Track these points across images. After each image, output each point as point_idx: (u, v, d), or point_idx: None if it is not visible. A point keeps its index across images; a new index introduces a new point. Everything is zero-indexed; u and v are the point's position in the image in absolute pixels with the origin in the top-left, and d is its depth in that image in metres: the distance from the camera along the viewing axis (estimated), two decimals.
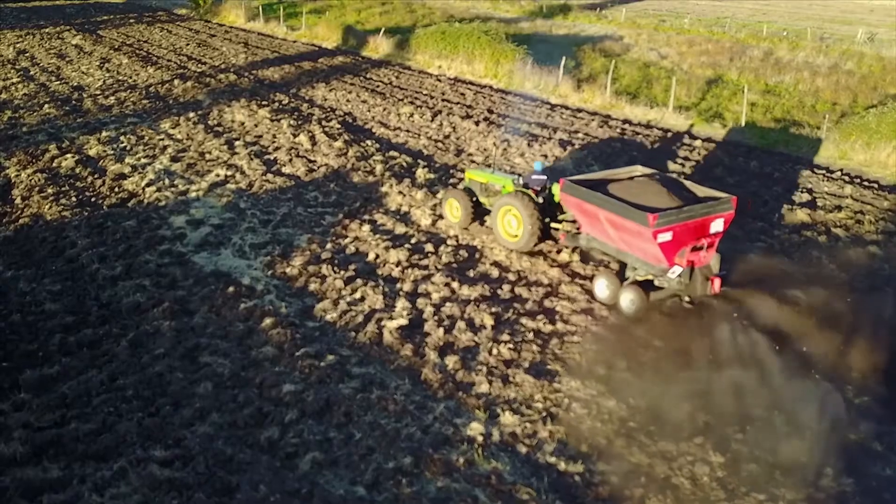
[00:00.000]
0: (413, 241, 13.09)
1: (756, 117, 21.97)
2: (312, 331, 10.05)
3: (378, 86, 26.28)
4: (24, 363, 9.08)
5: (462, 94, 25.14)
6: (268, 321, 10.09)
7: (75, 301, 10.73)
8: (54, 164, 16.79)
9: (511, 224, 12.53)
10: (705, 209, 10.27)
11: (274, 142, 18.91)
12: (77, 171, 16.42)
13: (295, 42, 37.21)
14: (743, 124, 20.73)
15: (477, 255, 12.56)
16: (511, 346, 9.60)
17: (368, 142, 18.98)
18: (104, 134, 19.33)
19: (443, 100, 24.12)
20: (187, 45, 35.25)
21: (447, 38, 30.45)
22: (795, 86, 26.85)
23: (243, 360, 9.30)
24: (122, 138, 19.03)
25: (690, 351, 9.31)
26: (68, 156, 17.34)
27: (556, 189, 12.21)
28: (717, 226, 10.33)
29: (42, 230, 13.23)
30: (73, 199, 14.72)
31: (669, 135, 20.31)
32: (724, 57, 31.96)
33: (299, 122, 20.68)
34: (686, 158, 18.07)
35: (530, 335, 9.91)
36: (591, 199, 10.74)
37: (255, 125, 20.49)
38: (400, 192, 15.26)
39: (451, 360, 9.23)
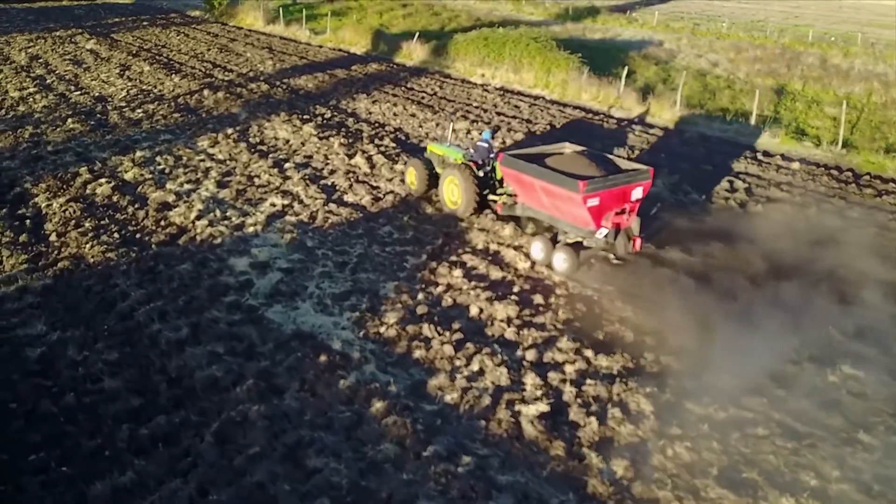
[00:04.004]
0: (516, 289, 11.30)
1: (844, 133, 20.14)
2: (432, 417, 8.25)
3: (423, 97, 24.43)
4: (90, 468, 7.29)
5: (516, 106, 23.31)
6: (378, 405, 8.29)
7: (138, 375, 8.91)
8: (88, 192, 14.93)
9: (454, 192, 13.83)
10: (627, 178, 11.55)
11: (327, 163, 17.08)
12: (115, 199, 14.57)
13: (321, 47, 35.33)
14: (840, 144, 18.82)
15: (597, 310, 10.75)
16: (688, 443, 7.80)
17: None
18: (138, 154, 17.46)
19: (497, 113, 22.29)
20: (209, 50, 33.37)
21: (490, 44, 28.60)
22: (868, 97, 25.10)
23: (359, 462, 7.50)
24: (158, 159, 17.19)
25: None
26: (102, 181, 15.49)
27: (498, 165, 13.22)
28: (637, 193, 11.63)
29: (85, 276, 11.39)
30: (116, 235, 12.89)
31: (760, 155, 18.50)
32: (779, 64, 30.24)
33: (350, 141, 18.84)
34: (791, 185, 16.28)
35: (704, 427, 8.10)
36: (528, 171, 11.96)
37: (302, 143, 18.66)
38: (481, 228, 13.48)
39: (619, 466, 7.44)
